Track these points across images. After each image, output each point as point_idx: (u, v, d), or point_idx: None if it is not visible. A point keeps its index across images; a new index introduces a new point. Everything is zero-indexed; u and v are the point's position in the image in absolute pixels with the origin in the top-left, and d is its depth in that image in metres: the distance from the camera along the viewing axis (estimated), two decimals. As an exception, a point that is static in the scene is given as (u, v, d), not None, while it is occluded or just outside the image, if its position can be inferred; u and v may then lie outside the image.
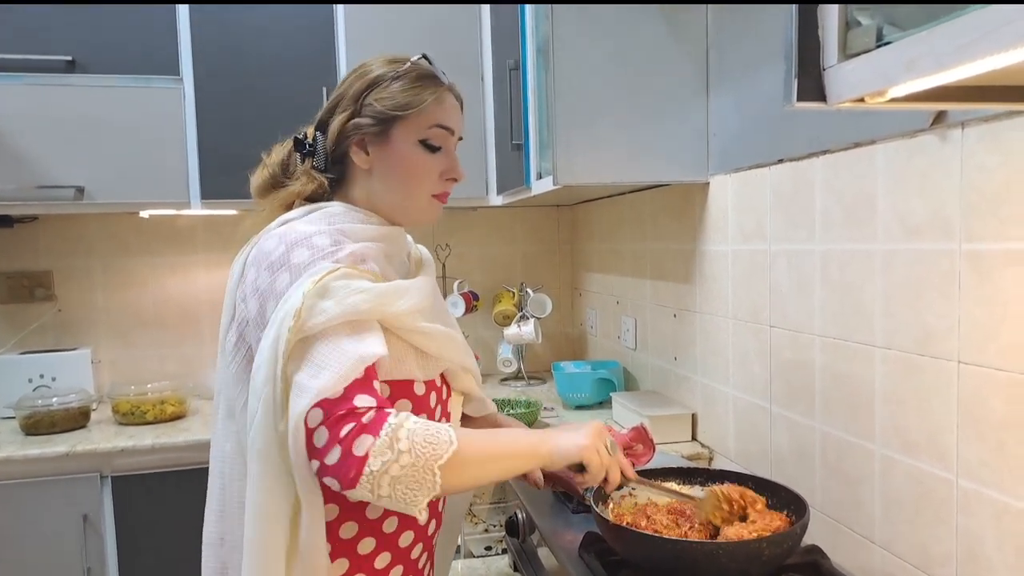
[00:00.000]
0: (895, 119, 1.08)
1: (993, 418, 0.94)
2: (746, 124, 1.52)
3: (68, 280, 2.46)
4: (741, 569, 0.96)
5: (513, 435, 0.98)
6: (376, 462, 0.81)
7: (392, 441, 0.82)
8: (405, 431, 0.83)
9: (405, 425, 0.84)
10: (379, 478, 0.81)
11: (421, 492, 0.83)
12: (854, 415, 1.20)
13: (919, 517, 1.07)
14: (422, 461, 0.82)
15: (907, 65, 0.55)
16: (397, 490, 0.82)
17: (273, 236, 0.99)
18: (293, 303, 0.89)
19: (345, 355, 0.87)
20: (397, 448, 0.82)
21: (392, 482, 0.82)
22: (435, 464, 0.83)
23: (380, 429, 0.82)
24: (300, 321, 0.87)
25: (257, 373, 0.90)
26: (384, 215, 1.08)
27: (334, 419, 0.83)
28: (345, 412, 0.83)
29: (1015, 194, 0.89)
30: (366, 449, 0.81)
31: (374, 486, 0.81)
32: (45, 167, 2.09)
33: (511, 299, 2.65)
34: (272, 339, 0.89)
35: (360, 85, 1.06)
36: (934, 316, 1.02)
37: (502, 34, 2.16)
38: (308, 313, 0.88)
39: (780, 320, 1.40)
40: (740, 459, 1.59)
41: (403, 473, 0.82)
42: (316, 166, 1.09)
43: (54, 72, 2.08)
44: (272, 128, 1.21)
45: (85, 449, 1.93)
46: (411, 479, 0.82)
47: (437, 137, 1.07)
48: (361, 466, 0.81)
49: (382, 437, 0.82)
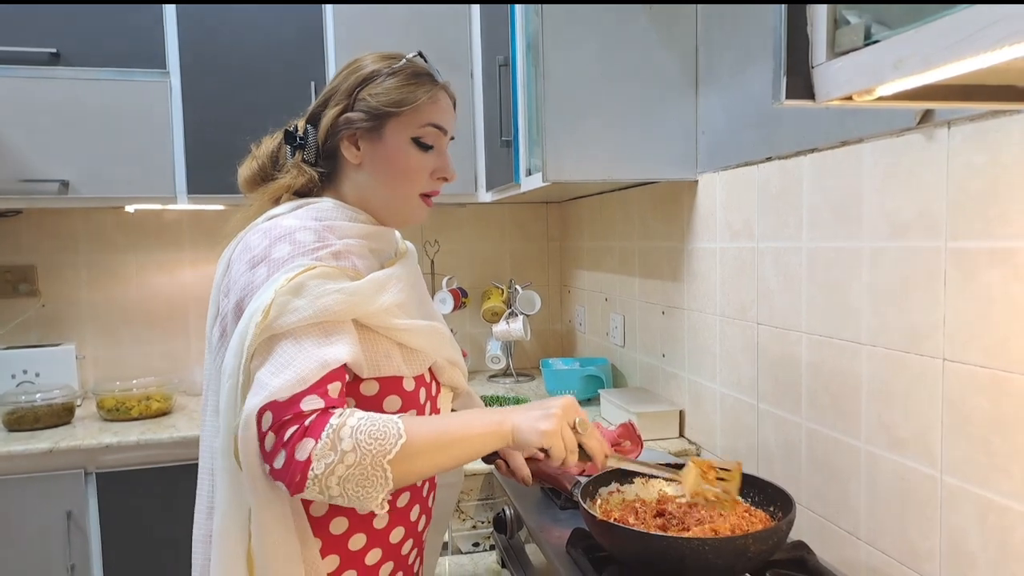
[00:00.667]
0: (882, 118, 1.08)
1: (977, 415, 0.94)
2: (735, 122, 1.52)
3: (52, 275, 2.44)
4: (727, 565, 0.96)
5: (468, 416, 0.94)
6: (319, 465, 0.80)
7: (334, 442, 0.81)
8: (348, 429, 0.82)
9: (348, 423, 0.83)
10: (325, 480, 0.81)
11: (374, 488, 0.82)
12: (840, 412, 1.21)
13: (904, 513, 1.07)
14: (369, 458, 0.82)
15: (895, 64, 0.55)
16: (348, 489, 0.82)
17: (259, 231, 0.98)
18: (264, 299, 0.88)
19: (309, 358, 0.86)
20: (340, 448, 0.81)
21: (340, 482, 0.81)
22: (383, 460, 0.82)
23: (321, 431, 0.82)
24: (268, 319, 0.87)
25: (225, 367, 0.91)
26: (372, 213, 1.07)
27: (280, 423, 0.83)
28: (291, 416, 0.83)
29: (1000, 193, 0.90)
30: (308, 452, 0.81)
31: (322, 487, 0.81)
32: (29, 160, 2.07)
33: (500, 296, 2.65)
34: (240, 334, 0.89)
35: (354, 80, 1.05)
36: (920, 314, 1.03)
37: (492, 31, 2.16)
38: (278, 310, 0.87)
39: (767, 317, 1.41)
40: (727, 455, 1.60)
41: (349, 473, 0.81)
42: (306, 159, 1.07)
43: (38, 64, 2.06)
44: (260, 122, 1.20)
45: (69, 445, 1.92)
46: (360, 477, 0.81)
47: (429, 136, 1.06)
48: (305, 470, 0.81)
49: (323, 439, 0.81)
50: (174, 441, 1.99)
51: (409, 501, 1.05)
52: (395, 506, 1.03)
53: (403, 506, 1.04)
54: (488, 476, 1.60)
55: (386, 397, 0.98)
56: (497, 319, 2.57)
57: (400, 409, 0.99)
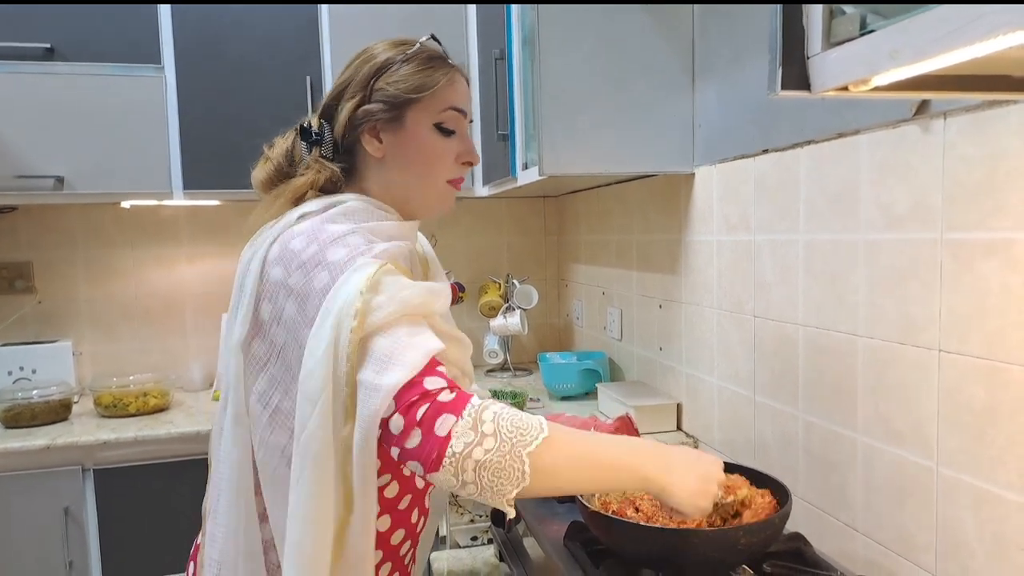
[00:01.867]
0: (878, 109, 1.08)
1: (973, 406, 0.94)
2: (731, 115, 1.52)
3: (48, 271, 2.43)
4: (723, 556, 0.96)
5: (617, 441, 0.88)
6: (459, 443, 0.75)
7: (476, 423, 0.77)
8: (490, 413, 0.78)
9: (491, 408, 0.79)
10: (463, 461, 0.75)
11: (509, 481, 0.77)
12: (837, 404, 1.21)
13: (901, 504, 1.08)
14: (508, 446, 0.76)
15: (890, 53, 0.55)
16: (483, 477, 0.76)
17: (301, 236, 0.93)
18: (350, 301, 0.83)
19: (410, 347, 0.82)
20: (481, 430, 0.76)
21: (477, 467, 0.76)
22: (523, 451, 0.77)
23: (463, 409, 0.77)
24: (360, 320, 0.82)
25: (309, 378, 0.85)
26: (399, 205, 1.04)
27: (406, 405, 0.78)
28: (418, 397, 0.79)
29: (996, 184, 0.90)
30: (448, 429, 0.76)
31: (457, 469, 0.76)
32: (24, 156, 2.07)
33: (497, 290, 2.65)
34: (328, 341, 0.83)
35: (368, 69, 1.02)
36: (916, 305, 1.03)
37: (488, 24, 2.15)
38: (367, 310, 0.83)
39: (764, 310, 1.41)
40: (724, 448, 1.60)
41: (488, 458, 0.76)
42: (325, 155, 1.04)
43: (33, 60, 2.05)
44: (255, 118, 1.20)
45: (66, 442, 1.92)
46: (497, 466, 0.76)
47: (451, 120, 1.04)
48: (444, 446, 0.76)
49: (465, 417, 0.77)
50: (171, 437, 1.99)
51: (410, 503, 1.04)
52: (396, 508, 1.02)
53: (404, 508, 1.04)
54: (486, 470, 1.60)
55: None
56: (494, 314, 2.57)
57: None
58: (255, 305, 0.94)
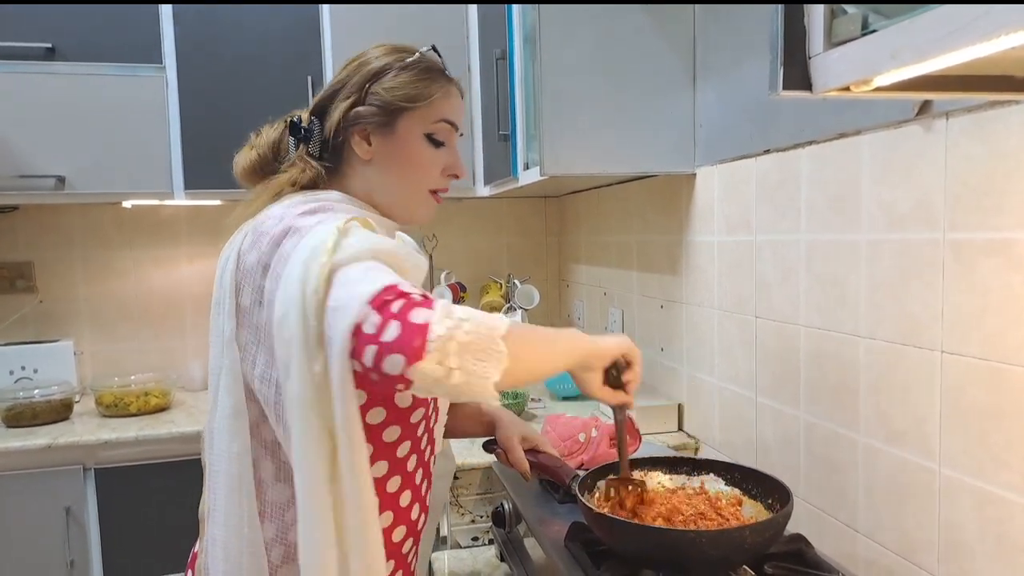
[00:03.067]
0: (880, 109, 1.08)
1: (975, 407, 0.94)
2: (732, 115, 1.52)
3: (49, 271, 2.44)
4: (724, 556, 0.96)
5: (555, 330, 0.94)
6: (439, 327, 0.75)
7: (449, 312, 0.77)
8: (458, 308, 0.79)
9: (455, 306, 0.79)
10: (446, 344, 0.75)
11: (491, 363, 0.77)
12: (838, 405, 1.21)
13: (902, 505, 1.08)
14: (484, 329, 0.78)
15: (892, 53, 0.55)
16: (466, 360, 0.76)
17: (272, 218, 0.93)
18: (319, 241, 0.83)
19: (380, 272, 0.81)
20: (456, 316, 0.77)
21: (460, 349, 0.75)
22: (496, 335, 0.78)
23: (434, 304, 0.78)
24: (329, 256, 0.81)
25: (284, 320, 0.83)
26: (379, 209, 1.04)
27: (379, 303, 0.77)
28: (392, 296, 0.77)
29: (998, 184, 0.90)
30: (425, 318, 0.75)
31: (442, 355, 0.75)
32: (25, 156, 2.07)
33: (498, 290, 2.65)
34: (297, 279, 0.82)
35: (365, 73, 1.03)
36: (918, 306, 1.03)
37: (489, 24, 2.15)
38: (337, 248, 0.82)
39: (765, 311, 1.41)
40: (725, 449, 1.60)
41: (469, 340, 0.76)
42: (311, 152, 1.04)
43: (34, 60, 2.05)
44: (257, 118, 1.19)
45: (68, 441, 1.92)
46: (478, 347, 0.77)
47: (442, 132, 1.05)
48: (425, 332, 0.74)
49: (438, 310, 0.77)
50: (172, 437, 1.99)
51: (411, 500, 1.04)
52: (398, 505, 1.02)
53: (405, 505, 1.03)
54: (487, 470, 1.60)
55: None
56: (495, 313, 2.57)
57: (411, 403, 0.98)
58: (235, 296, 0.94)
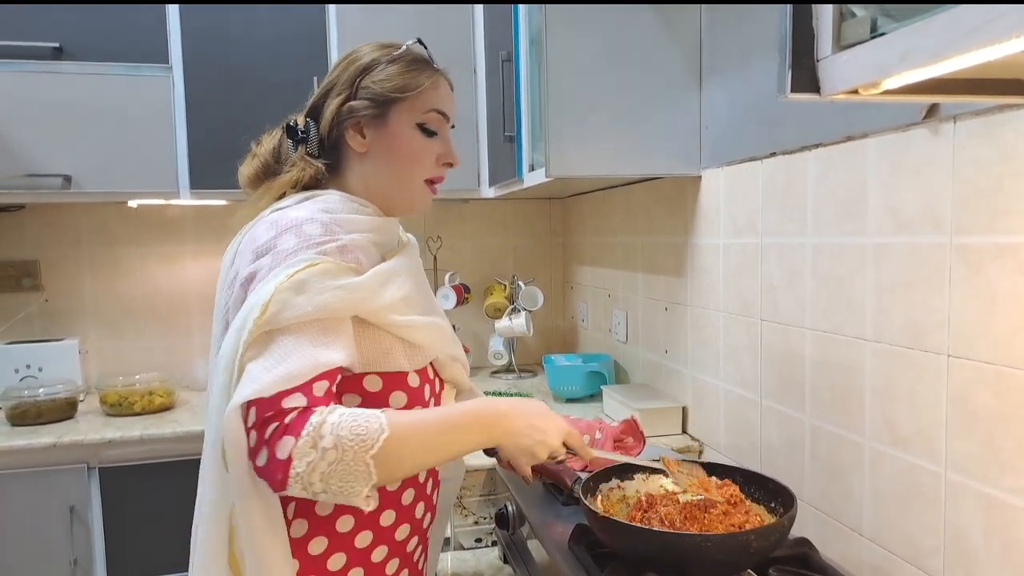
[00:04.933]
0: (887, 112, 1.08)
1: (982, 412, 0.94)
2: (739, 117, 1.52)
3: (55, 270, 2.44)
4: (729, 560, 0.96)
5: (461, 410, 0.94)
6: (300, 464, 0.80)
7: (315, 440, 0.80)
8: (328, 427, 0.81)
9: (328, 420, 0.82)
10: (307, 477, 0.80)
11: (357, 483, 0.82)
12: (844, 408, 1.20)
13: (907, 510, 1.07)
14: (350, 455, 0.81)
15: (901, 56, 0.55)
16: (331, 485, 0.81)
17: (266, 222, 0.97)
18: (264, 294, 0.87)
19: (304, 356, 0.85)
20: (321, 446, 0.80)
21: (323, 478, 0.81)
22: (366, 455, 0.82)
23: (301, 429, 0.81)
24: (267, 315, 0.86)
25: (223, 355, 0.89)
26: (378, 202, 1.07)
27: (262, 420, 0.83)
28: (272, 413, 0.82)
29: (1006, 188, 0.90)
30: (288, 451, 0.80)
31: (305, 485, 0.81)
32: (32, 155, 2.07)
33: (502, 292, 2.65)
34: (236, 328, 0.88)
35: (354, 69, 1.06)
36: (925, 310, 1.03)
37: (495, 26, 2.15)
38: (278, 306, 0.86)
39: (771, 314, 1.40)
40: (730, 452, 1.59)
41: (332, 469, 0.81)
42: (310, 153, 1.07)
43: (41, 59, 2.06)
44: (262, 118, 1.20)
45: (72, 440, 1.92)
46: (343, 473, 0.81)
47: (433, 121, 1.07)
48: (287, 469, 0.80)
49: (303, 437, 0.80)
50: (177, 436, 1.99)
51: (414, 498, 1.05)
52: (400, 503, 1.02)
53: (408, 503, 1.04)
54: (490, 472, 1.60)
55: (391, 393, 0.98)
56: (500, 315, 2.57)
57: (406, 405, 0.98)
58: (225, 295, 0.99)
